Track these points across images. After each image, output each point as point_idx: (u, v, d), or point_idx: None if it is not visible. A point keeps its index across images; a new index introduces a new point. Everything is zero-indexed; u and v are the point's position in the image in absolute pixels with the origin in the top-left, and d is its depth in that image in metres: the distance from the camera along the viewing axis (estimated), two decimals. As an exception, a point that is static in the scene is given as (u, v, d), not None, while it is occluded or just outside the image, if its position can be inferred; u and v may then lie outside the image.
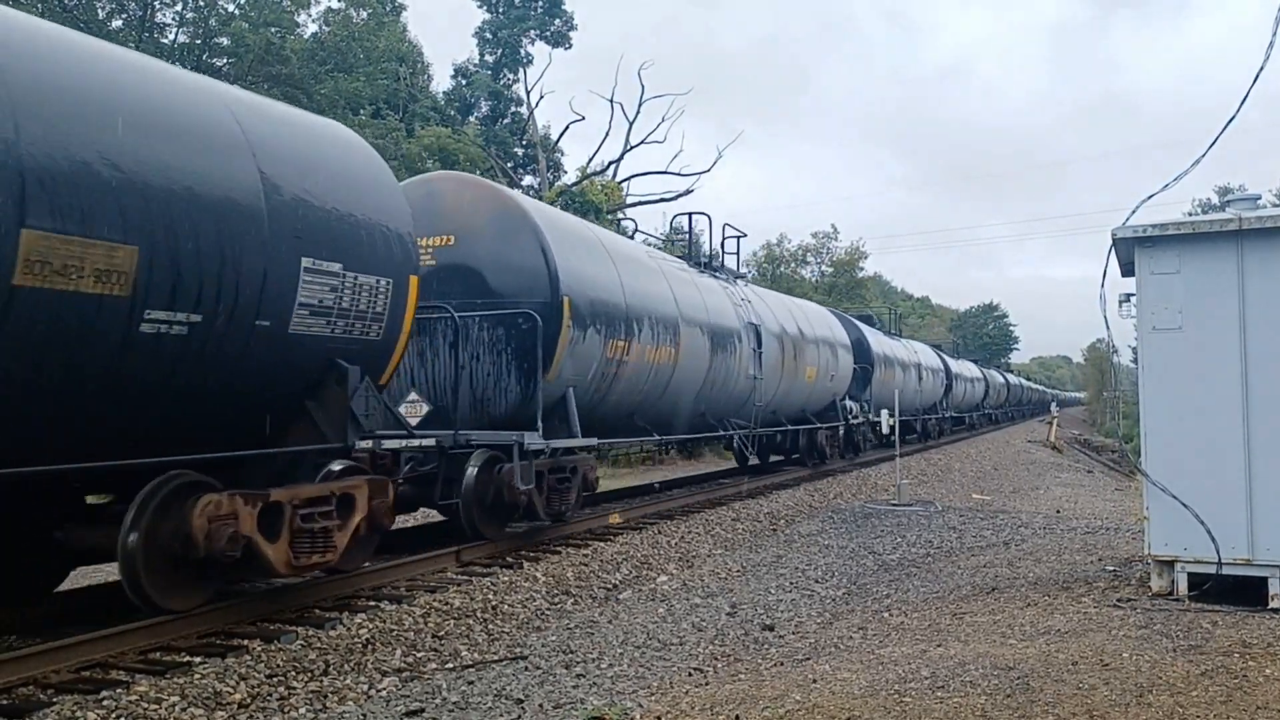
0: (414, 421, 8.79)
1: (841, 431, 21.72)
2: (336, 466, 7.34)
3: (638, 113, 38.59)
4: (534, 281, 10.03)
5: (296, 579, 7.38)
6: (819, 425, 20.26)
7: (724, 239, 17.98)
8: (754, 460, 19.68)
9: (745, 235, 18.48)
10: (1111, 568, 9.01)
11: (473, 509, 9.45)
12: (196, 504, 6.14)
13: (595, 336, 10.81)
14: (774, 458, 20.83)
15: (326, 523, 7.05)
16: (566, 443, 10.34)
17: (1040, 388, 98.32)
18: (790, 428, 18.96)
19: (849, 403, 22.38)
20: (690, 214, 17.20)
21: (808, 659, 6.36)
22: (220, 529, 6.20)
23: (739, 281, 17.51)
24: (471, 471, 9.38)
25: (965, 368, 43.71)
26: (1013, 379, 66.98)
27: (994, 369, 59.44)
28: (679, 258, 15.46)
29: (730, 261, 17.91)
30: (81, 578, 8.38)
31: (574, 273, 10.45)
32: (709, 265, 16.78)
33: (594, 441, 11.17)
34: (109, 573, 8.07)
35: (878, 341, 25.67)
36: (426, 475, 9.61)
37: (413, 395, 8.36)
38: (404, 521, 12.74)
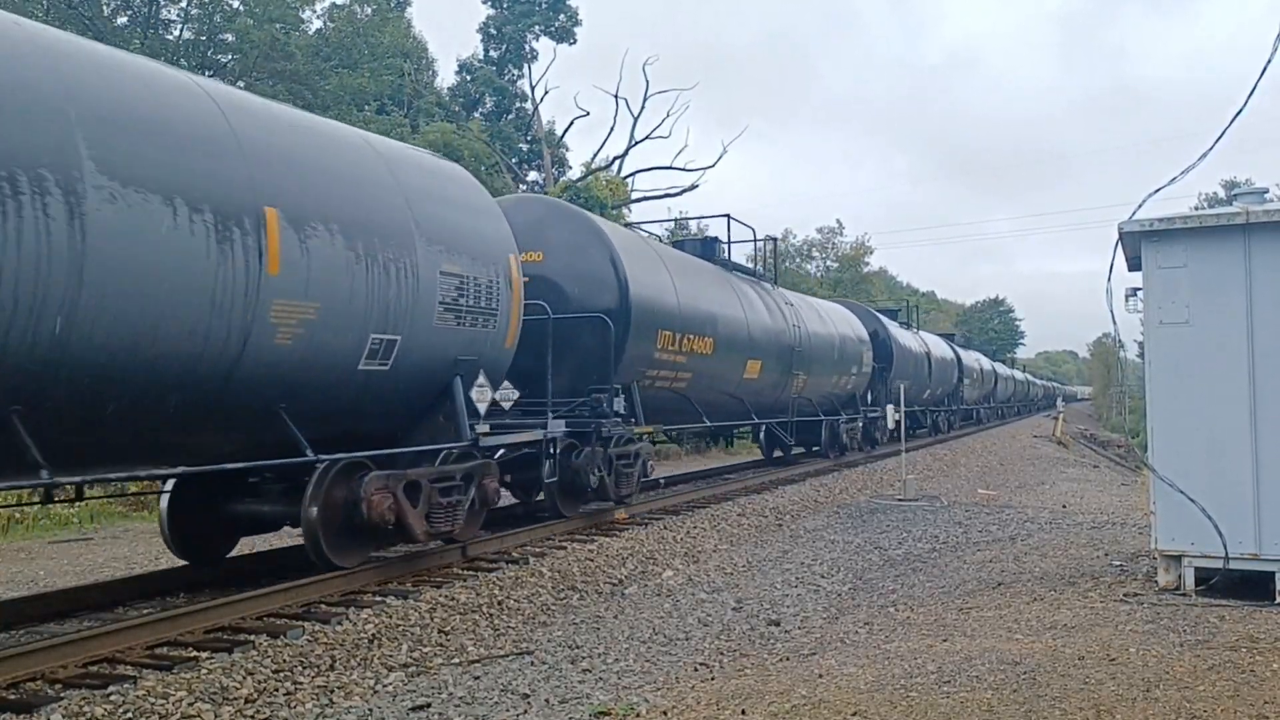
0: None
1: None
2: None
3: (642, 108, 38.52)
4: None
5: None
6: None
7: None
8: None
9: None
10: (1118, 563, 9.00)
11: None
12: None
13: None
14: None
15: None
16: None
17: (1046, 383, 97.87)
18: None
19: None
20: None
21: (814, 654, 6.36)
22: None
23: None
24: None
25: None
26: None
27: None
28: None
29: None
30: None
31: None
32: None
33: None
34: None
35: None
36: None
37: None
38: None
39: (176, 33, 27.51)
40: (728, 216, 17.59)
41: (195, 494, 8.06)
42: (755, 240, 18.94)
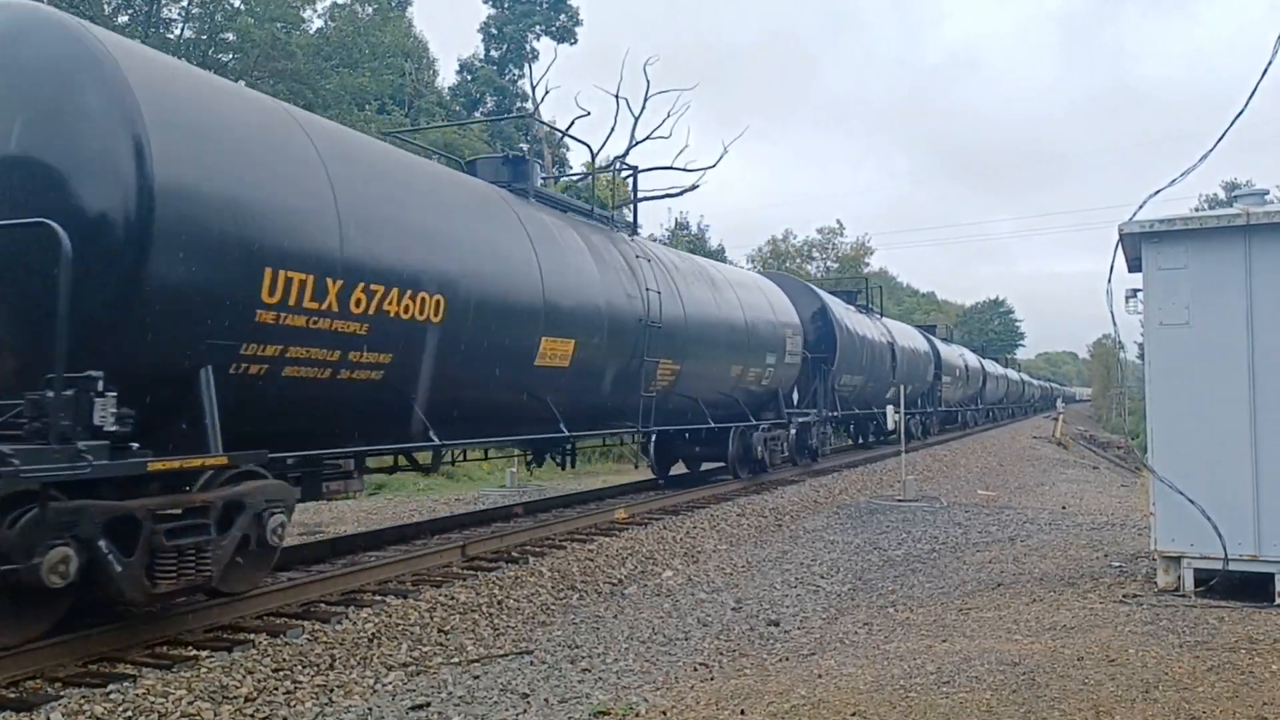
0: None
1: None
2: None
3: (643, 108, 38.35)
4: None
5: None
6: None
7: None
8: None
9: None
10: (1118, 564, 9.01)
11: None
12: None
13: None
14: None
15: None
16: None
17: (1045, 383, 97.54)
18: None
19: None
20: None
21: (813, 654, 6.36)
22: None
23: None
24: None
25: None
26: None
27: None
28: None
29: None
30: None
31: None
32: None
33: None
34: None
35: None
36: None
37: None
38: (407, 517, 12.75)
39: (177, 31, 27.51)
40: (531, 116, 13.45)
41: None
42: (597, 171, 13.48)
